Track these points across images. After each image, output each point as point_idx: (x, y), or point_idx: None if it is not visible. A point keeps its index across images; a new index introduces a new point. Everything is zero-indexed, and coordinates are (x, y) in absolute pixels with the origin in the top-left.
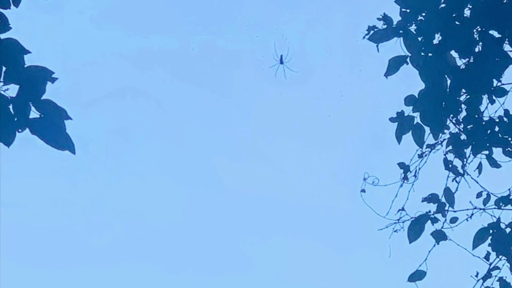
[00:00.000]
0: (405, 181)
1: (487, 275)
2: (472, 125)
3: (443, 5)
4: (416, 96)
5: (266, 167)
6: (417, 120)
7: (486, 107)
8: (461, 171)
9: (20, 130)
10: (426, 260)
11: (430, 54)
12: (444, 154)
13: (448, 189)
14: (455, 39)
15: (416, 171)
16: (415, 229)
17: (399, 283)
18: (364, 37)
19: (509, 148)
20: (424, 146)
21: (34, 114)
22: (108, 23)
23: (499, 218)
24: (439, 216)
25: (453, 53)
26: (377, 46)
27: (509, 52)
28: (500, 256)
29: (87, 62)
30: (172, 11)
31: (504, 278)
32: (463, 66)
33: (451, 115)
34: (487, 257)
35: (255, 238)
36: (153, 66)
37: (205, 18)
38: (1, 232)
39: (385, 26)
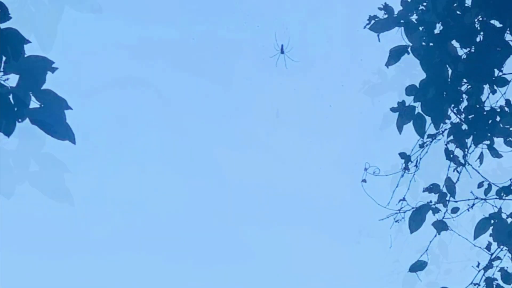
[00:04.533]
0: (406, 171)
1: (489, 265)
2: (473, 115)
3: None
4: (417, 86)
5: (267, 157)
6: (418, 110)
7: (488, 97)
8: (462, 161)
9: (20, 120)
10: (427, 250)
11: (431, 44)
12: (445, 144)
13: (449, 179)
14: (456, 29)
15: (417, 161)
16: (417, 219)
17: (400, 273)
18: (365, 27)
19: (510, 138)
20: (425, 136)
21: (34, 104)
22: (108, 13)
23: (500, 208)
24: (440, 206)
25: (454, 42)
26: (378, 36)
27: (510, 42)
28: (502, 246)
29: (87, 52)
30: (172, 1)
31: (505, 268)
32: (464, 56)
33: (452, 105)
34: (488, 247)
35: (256, 228)
36: (154, 56)
37: (205, 7)
38: (1, 223)
39: (386, 16)
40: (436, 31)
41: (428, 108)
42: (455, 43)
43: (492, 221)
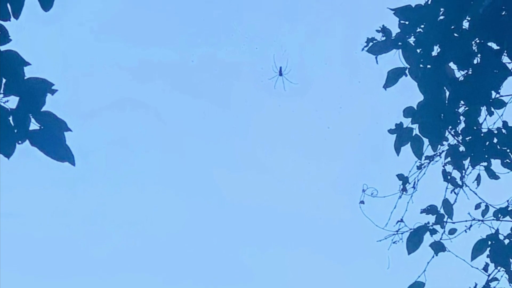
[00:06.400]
0: (404, 192)
1: (486, 286)
2: (470, 137)
3: (441, 17)
4: (415, 107)
5: (265, 178)
6: (416, 131)
7: (485, 119)
8: (459, 182)
9: (20, 141)
10: (424, 272)
11: (428, 66)
12: (443, 166)
13: (447, 200)
14: (453, 51)
15: (415, 182)
16: (414, 240)
17: None
18: (363, 49)
19: (507, 160)
20: (423, 158)
21: (34, 125)
22: (108, 35)
23: (497, 230)
24: (437, 227)
25: (451, 65)
26: (376, 58)
27: (507, 64)
28: (499, 267)
29: (87, 74)
30: (171, 23)
31: None
32: (461, 78)
33: (450, 127)
34: (485, 268)
35: (255, 249)
36: (153, 78)
37: (204, 30)
38: (2, 242)
39: (384, 38)
40: (434, 53)
41: (426, 130)
42: (452, 65)
43: (490, 243)
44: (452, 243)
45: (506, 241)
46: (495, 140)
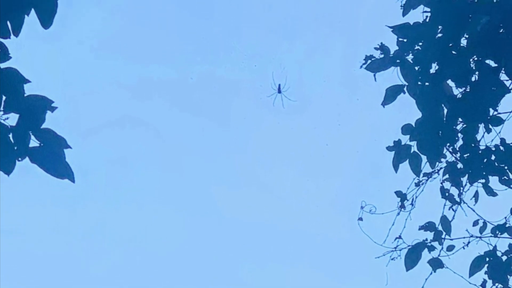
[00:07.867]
0: (402, 209)
1: None
2: (468, 154)
3: (439, 35)
4: (413, 125)
5: (264, 195)
6: (414, 149)
7: (483, 136)
8: (457, 199)
9: (20, 159)
10: None
11: (427, 83)
12: (441, 183)
13: (445, 217)
14: (451, 69)
15: (413, 199)
16: (412, 257)
17: None
18: (361, 67)
19: (505, 177)
20: (421, 175)
21: (34, 143)
22: (107, 53)
23: (495, 246)
24: (436, 244)
25: (449, 82)
26: (374, 75)
27: (505, 81)
28: (497, 284)
29: (87, 92)
30: (171, 41)
31: None
32: (459, 95)
33: (448, 144)
34: (483, 284)
35: (253, 266)
36: (152, 96)
37: (203, 47)
38: (1, 260)
39: (382, 56)
40: (432, 70)
41: (424, 147)
42: (450, 82)
43: (487, 259)
44: (450, 260)
45: (504, 258)
46: (493, 157)
